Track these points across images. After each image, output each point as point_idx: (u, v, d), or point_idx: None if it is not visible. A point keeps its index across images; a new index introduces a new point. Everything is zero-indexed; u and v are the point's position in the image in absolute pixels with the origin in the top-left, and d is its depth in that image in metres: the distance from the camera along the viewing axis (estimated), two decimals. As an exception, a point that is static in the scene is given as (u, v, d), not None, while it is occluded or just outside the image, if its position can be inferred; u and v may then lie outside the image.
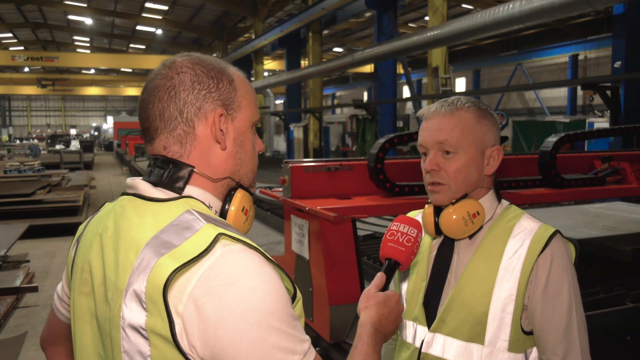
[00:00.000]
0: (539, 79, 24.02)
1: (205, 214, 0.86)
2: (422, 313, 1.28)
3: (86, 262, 0.92)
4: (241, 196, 0.95)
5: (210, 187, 0.93)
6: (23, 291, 5.27)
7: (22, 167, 14.57)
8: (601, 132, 3.72)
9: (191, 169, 0.91)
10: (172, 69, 0.92)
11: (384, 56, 12.02)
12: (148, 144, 0.95)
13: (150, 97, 0.92)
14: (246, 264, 0.78)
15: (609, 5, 7.88)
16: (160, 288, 0.76)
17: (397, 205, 2.74)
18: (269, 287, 0.78)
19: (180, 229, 0.82)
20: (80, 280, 0.93)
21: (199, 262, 0.77)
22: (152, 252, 0.80)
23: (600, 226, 4.28)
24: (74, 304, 0.95)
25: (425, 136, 1.26)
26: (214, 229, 0.81)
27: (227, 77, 0.94)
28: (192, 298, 0.75)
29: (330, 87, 38.54)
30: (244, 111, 0.96)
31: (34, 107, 58.99)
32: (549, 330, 1.16)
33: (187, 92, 0.90)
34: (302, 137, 18.18)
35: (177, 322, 0.76)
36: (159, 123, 0.91)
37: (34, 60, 27.66)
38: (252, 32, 23.86)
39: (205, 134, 0.91)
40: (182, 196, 0.89)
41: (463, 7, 20.42)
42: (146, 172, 0.94)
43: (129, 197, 0.92)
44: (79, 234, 1.02)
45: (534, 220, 1.25)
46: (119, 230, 0.88)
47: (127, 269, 0.82)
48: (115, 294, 0.83)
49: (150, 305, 0.77)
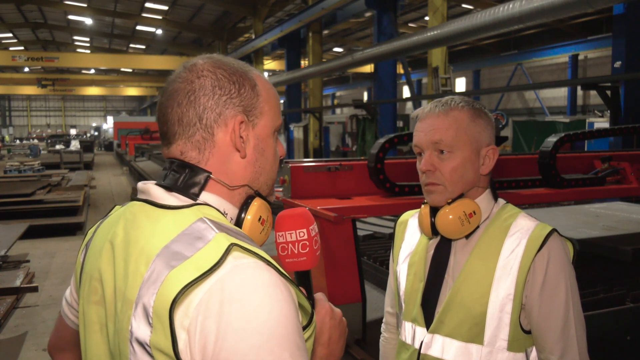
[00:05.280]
0: (539, 79, 24.01)
1: (218, 222, 0.82)
2: (420, 314, 1.28)
3: (96, 270, 0.90)
4: (258, 205, 0.91)
5: (226, 194, 0.89)
6: (23, 291, 5.27)
7: (22, 167, 14.56)
8: (601, 132, 3.72)
9: (207, 175, 0.87)
10: (193, 72, 0.89)
11: (384, 56, 12.02)
12: (165, 147, 0.92)
13: (169, 100, 0.89)
14: (255, 282, 0.74)
15: (609, 5, 7.88)
16: (168, 304, 0.74)
17: (397, 205, 2.74)
18: (276, 309, 0.73)
19: (192, 238, 0.78)
20: (89, 289, 0.91)
21: (209, 277, 0.74)
22: (163, 263, 0.77)
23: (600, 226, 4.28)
24: (83, 313, 0.92)
25: (419, 137, 1.26)
26: (227, 238, 0.78)
27: (249, 81, 0.91)
28: (196, 312, 0.73)
29: (330, 87, 38.53)
30: (266, 117, 0.92)
31: (34, 107, 58.99)
32: (546, 329, 1.16)
33: (208, 98, 0.87)
34: (302, 137, 18.18)
35: (182, 337, 0.73)
36: (177, 128, 0.88)
37: (34, 61, 27.65)
38: (252, 32, 23.85)
39: (225, 141, 0.88)
40: (195, 203, 0.86)
41: (463, 7, 20.40)
42: (161, 175, 0.91)
43: (140, 203, 0.89)
44: (87, 239, 0.99)
45: (530, 218, 1.24)
46: (129, 238, 0.85)
47: (138, 280, 0.79)
48: (125, 306, 0.80)
49: (155, 320, 0.75)
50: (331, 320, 0.92)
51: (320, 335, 0.90)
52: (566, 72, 22.48)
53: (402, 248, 1.40)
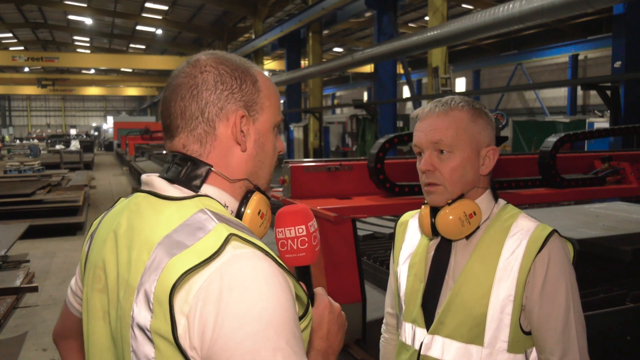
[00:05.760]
0: (539, 79, 24.02)
1: (219, 213, 0.85)
2: (420, 315, 1.28)
3: (100, 258, 0.92)
4: (258, 199, 0.94)
5: (227, 187, 0.92)
6: (23, 291, 5.27)
7: (22, 167, 14.57)
8: (601, 132, 3.73)
9: (209, 168, 0.90)
10: (196, 67, 0.92)
11: (384, 56, 12.03)
12: (167, 140, 0.95)
13: (172, 94, 0.92)
14: (254, 271, 0.77)
15: (609, 5, 7.88)
16: (168, 289, 0.76)
17: (397, 205, 2.74)
18: (274, 298, 0.75)
19: (193, 228, 0.81)
20: (93, 277, 0.93)
21: (209, 265, 0.76)
22: (164, 251, 0.80)
23: (600, 226, 4.28)
24: (87, 300, 0.95)
25: (419, 136, 1.25)
26: (226, 229, 0.80)
27: (250, 77, 0.93)
28: (196, 299, 0.75)
29: (330, 87, 38.53)
30: (266, 112, 0.95)
31: (34, 107, 59.01)
32: (546, 330, 1.16)
33: (210, 92, 0.90)
34: (302, 137, 18.19)
35: (182, 322, 0.75)
36: (180, 121, 0.91)
37: (34, 61, 27.67)
38: (252, 32, 23.85)
39: (226, 134, 0.91)
40: (197, 195, 0.88)
41: (463, 7, 20.41)
42: (164, 168, 0.94)
43: (144, 194, 0.91)
44: (92, 229, 1.02)
45: (531, 219, 1.24)
46: (133, 228, 0.88)
47: (140, 267, 0.82)
48: (127, 292, 0.83)
49: (156, 306, 0.77)
50: (330, 314, 0.95)
51: (319, 328, 0.92)
52: (566, 72, 22.49)
53: (403, 249, 1.40)
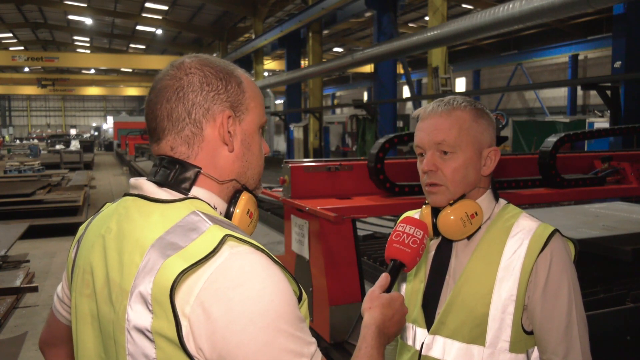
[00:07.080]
0: (539, 79, 24.02)
1: (211, 215, 0.85)
2: (421, 315, 1.27)
3: (87, 263, 0.92)
4: (246, 199, 0.95)
5: (216, 188, 0.93)
6: (23, 291, 5.27)
7: (22, 167, 14.56)
8: (601, 132, 3.72)
9: (198, 170, 0.90)
10: (181, 70, 0.92)
11: (384, 56, 12.03)
12: (154, 144, 0.94)
13: (158, 97, 0.92)
14: (254, 266, 0.78)
15: (609, 5, 7.88)
16: (167, 290, 0.75)
17: (397, 205, 2.74)
18: (277, 289, 0.77)
19: (186, 230, 0.81)
20: (81, 282, 0.93)
21: (206, 264, 0.76)
22: (158, 253, 0.80)
23: (600, 226, 4.28)
24: (76, 306, 0.94)
25: (421, 137, 1.24)
26: (221, 230, 0.81)
27: (235, 79, 0.94)
28: (199, 300, 0.75)
29: (330, 87, 38.52)
30: (252, 113, 0.95)
31: (34, 107, 58.99)
32: (549, 330, 1.16)
33: (196, 94, 0.90)
34: (302, 137, 18.18)
35: (184, 324, 0.75)
36: (167, 124, 0.91)
37: (34, 61, 27.68)
38: (252, 32, 23.85)
39: (213, 135, 0.91)
40: (187, 197, 0.88)
41: (463, 7, 20.40)
42: (151, 172, 0.94)
43: (133, 197, 0.91)
44: (79, 235, 1.02)
45: (532, 219, 1.24)
46: (123, 232, 0.87)
47: (132, 270, 0.81)
48: (120, 296, 0.82)
49: (156, 307, 0.77)
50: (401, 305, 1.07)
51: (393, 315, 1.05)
52: (566, 72, 22.49)
53: (403, 249, 1.40)
